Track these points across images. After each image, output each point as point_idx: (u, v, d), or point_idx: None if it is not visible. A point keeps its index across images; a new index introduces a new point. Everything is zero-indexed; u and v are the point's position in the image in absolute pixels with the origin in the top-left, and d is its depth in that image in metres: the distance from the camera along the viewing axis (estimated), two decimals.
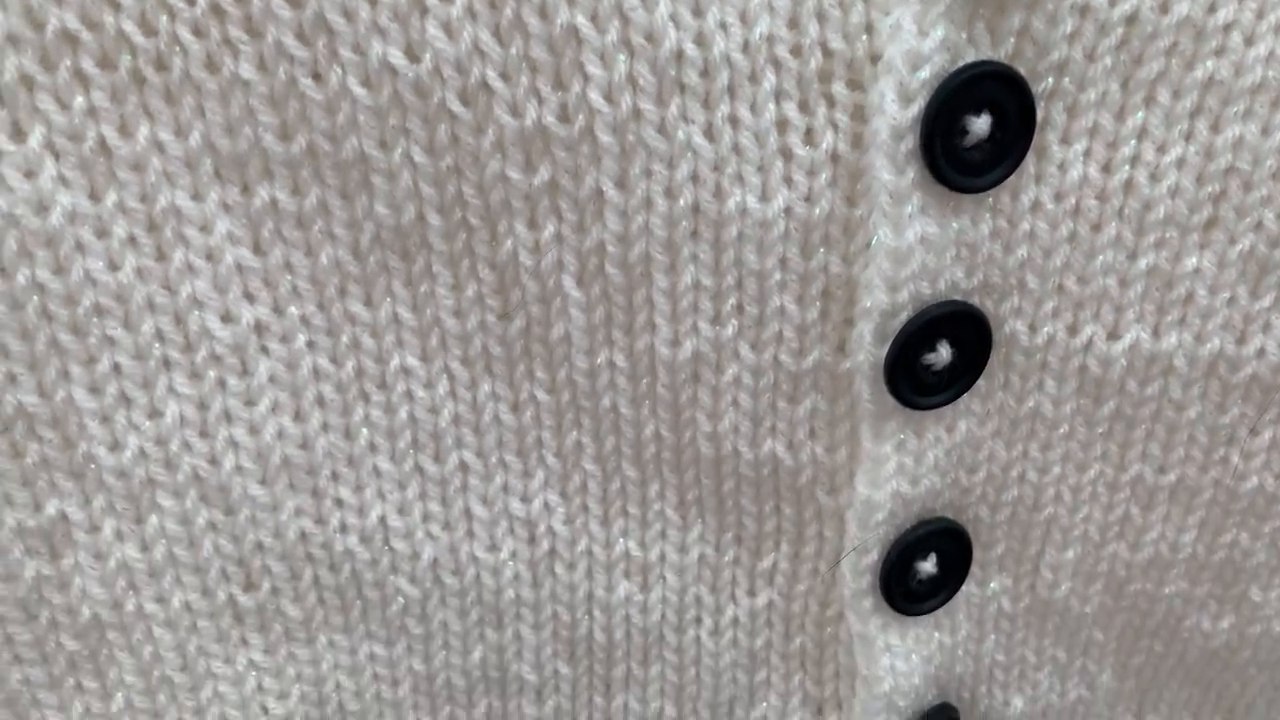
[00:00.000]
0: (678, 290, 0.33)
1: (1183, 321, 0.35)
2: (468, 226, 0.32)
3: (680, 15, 0.29)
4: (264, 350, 0.33)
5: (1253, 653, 0.42)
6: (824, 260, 0.33)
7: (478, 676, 0.40)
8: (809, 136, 0.31)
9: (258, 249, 0.32)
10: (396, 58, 0.29)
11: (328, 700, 0.38)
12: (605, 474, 0.37)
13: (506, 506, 0.37)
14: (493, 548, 0.37)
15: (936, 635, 0.41)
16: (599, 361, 0.34)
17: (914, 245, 0.32)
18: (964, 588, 0.40)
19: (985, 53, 0.31)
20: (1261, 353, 0.35)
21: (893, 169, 0.31)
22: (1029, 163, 0.33)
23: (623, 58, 0.30)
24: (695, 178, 0.31)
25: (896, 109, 0.30)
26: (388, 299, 0.33)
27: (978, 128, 0.31)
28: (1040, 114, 0.32)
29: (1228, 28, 0.31)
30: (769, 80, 0.30)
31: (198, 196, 0.30)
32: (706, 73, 0.30)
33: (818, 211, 0.32)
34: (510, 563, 0.38)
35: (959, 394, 0.35)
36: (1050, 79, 0.32)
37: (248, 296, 0.32)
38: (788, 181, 0.32)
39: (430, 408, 0.35)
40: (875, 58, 0.30)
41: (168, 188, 0.30)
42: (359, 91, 0.29)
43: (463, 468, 0.36)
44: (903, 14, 0.30)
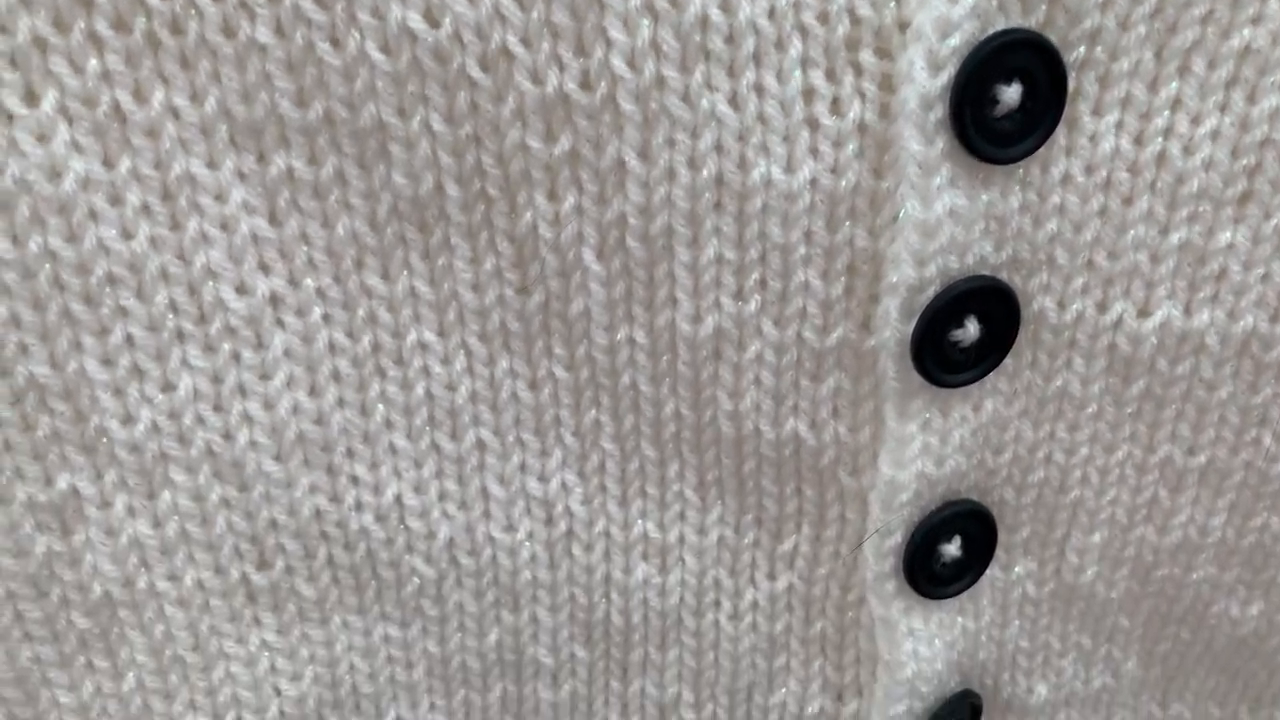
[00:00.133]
0: (700, 264, 0.32)
1: (1215, 298, 0.34)
2: (486, 198, 0.31)
3: None
4: (279, 323, 0.32)
5: None
6: (850, 234, 0.32)
7: (493, 659, 0.39)
8: (836, 106, 0.31)
9: (273, 219, 0.31)
10: (416, 22, 0.28)
11: (341, 682, 0.38)
12: (624, 453, 0.36)
13: (524, 486, 0.36)
14: (509, 528, 0.37)
15: (960, 620, 0.40)
16: (619, 338, 0.34)
17: (942, 218, 0.31)
18: (988, 572, 0.39)
19: (1016, 20, 0.30)
20: None
21: (921, 139, 0.30)
22: (1059, 134, 0.32)
23: (646, 23, 0.29)
24: (719, 148, 0.31)
25: (925, 77, 0.30)
26: (405, 272, 0.32)
27: (1008, 97, 0.30)
28: (1072, 84, 0.31)
29: None
30: (795, 47, 0.30)
31: (213, 164, 0.30)
32: (732, 39, 0.29)
33: (844, 183, 0.31)
34: (527, 543, 0.37)
35: (986, 372, 0.35)
36: (1082, 48, 0.31)
37: (263, 268, 0.31)
38: (814, 152, 0.31)
39: (447, 384, 0.34)
40: (904, 25, 0.30)
41: (182, 155, 0.30)
42: (377, 57, 0.29)
43: (480, 446, 0.35)
44: None
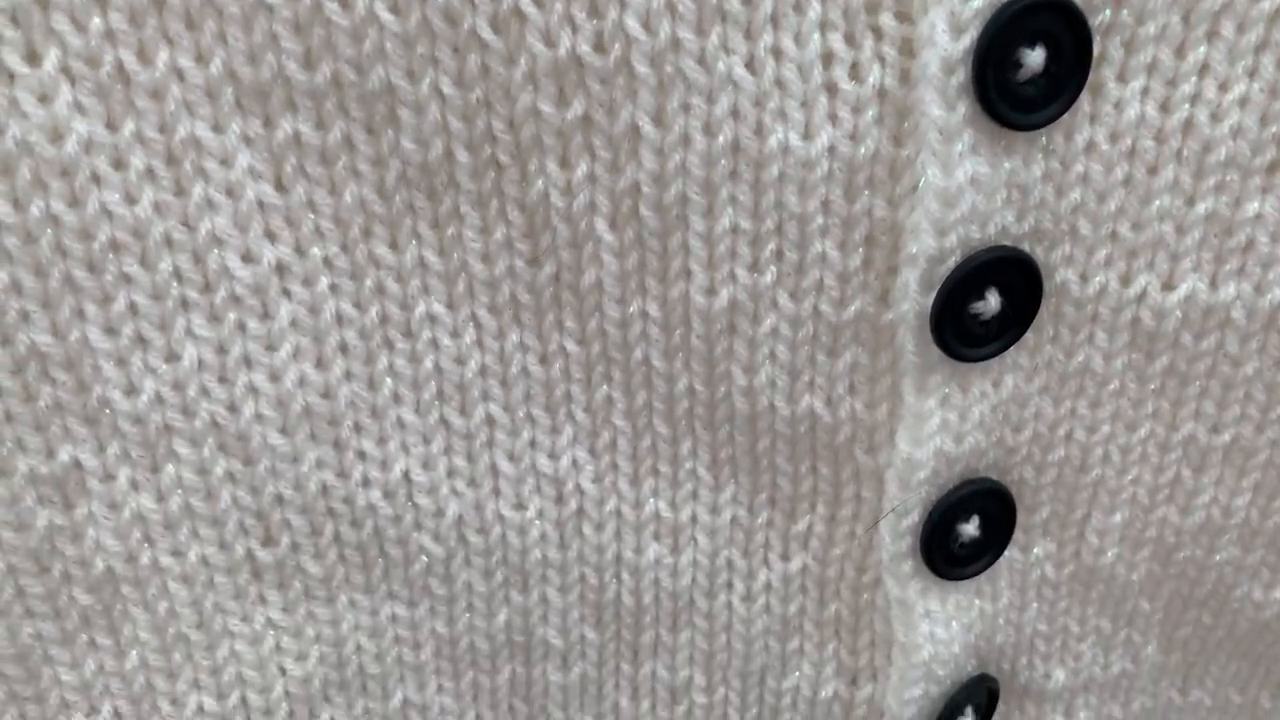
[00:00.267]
0: (714, 234, 0.32)
1: (1242, 271, 0.33)
2: (497, 165, 0.31)
3: None
4: (285, 293, 0.32)
5: None
6: (868, 203, 0.32)
7: (502, 641, 0.38)
8: (855, 71, 0.30)
9: (280, 185, 0.30)
10: None
11: (347, 663, 0.37)
12: (635, 431, 0.36)
13: (534, 463, 0.36)
14: (519, 506, 0.36)
15: (977, 602, 0.39)
16: (631, 311, 0.33)
17: (964, 186, 0.31)
18: (1007, 553, 0.38)
19: None
20: None
21: (943, 104, 0.30)
22: (1084, 101, 0.31)
23: None
24: (735, 113, 0.30)
25: (947, 40, 0.29)
26: (413, 242, 0.32)
27: (1032, 61, 0.30)
28: (1096, 49, 0.30)
29: None
30: (814, 10, 0.29)
31: (218, 128, 0.29)
32: (749, 0, 0.29)
33: (863, 151, 0.31)
34: (537, 522, 0.36)
35: (1007, 346, 0.34)
36: (1107, 11, 0.30)
37: (269, 235, 0.31)
38: (832, 118, 0.30)
39: (456, 358, 0.34)
40: None
41: (187, 118, 0.29)
42: (386, 17, 0.28)
43: (489, 421, 0.35)
44: None
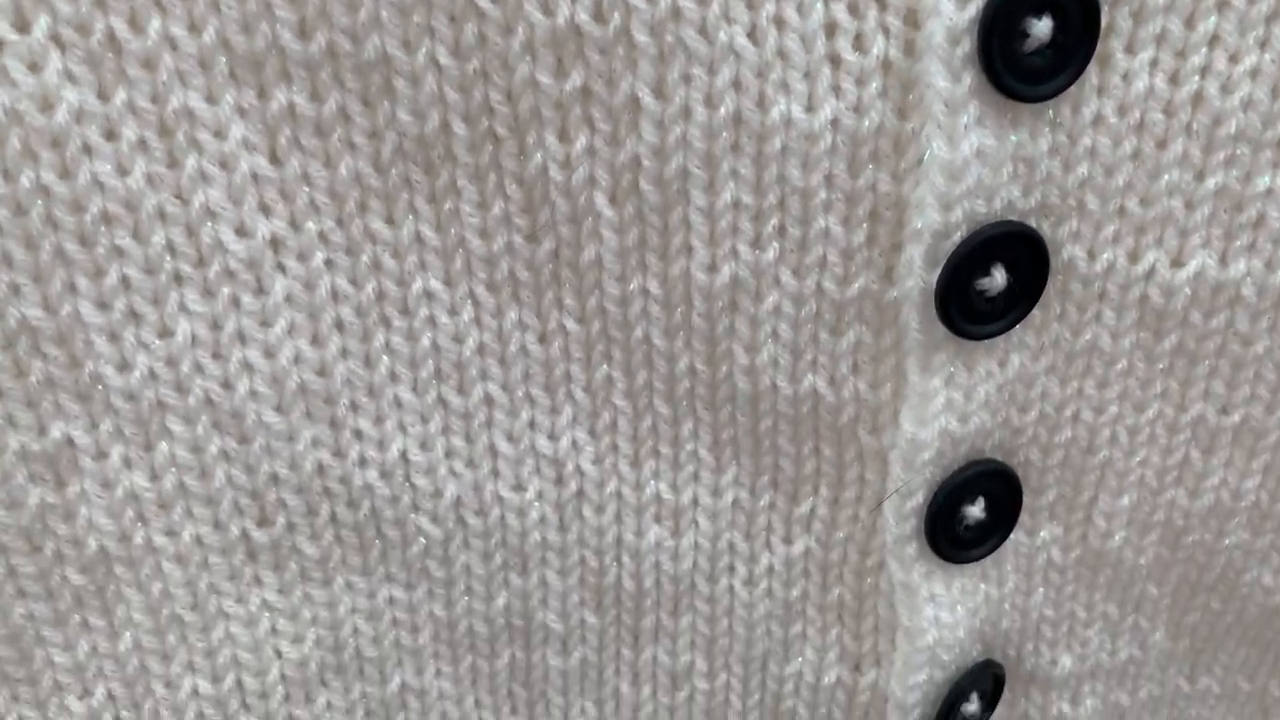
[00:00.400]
0: (716, 210, 0.31)
1: (1252, 247, 0.33)
2: (494, 137, 0.30)
3: None
4: (280, 268, 0.31)
5: None
6: (872, 178, 0.31)
7: (501, 625, 0.38)
8: (859, 42, 0.30)
9: (274, 158, 0.30)
10: None
11: (344, 646, 0.37)
12: (636, 411, 0.35)
13: (533, 444, 0.35)
14: (518, 487, 0.36)
15: (983, 586, 0.39)
16: (631, 288, 0.33)
17: (969, 159, 0.30)
18: (1012, 536, 0.38)
19: None
20: None
21: (948, 75, 0.29)
22: (1091, 73, 0.31)
23: None
24: (737, 84, 0.29)
25: (952, 10, 0.28)
26: (410, 216, 0.31)
27: (1039, 30, 0.29)
28: (1105, 18, 0.30)
29: None
30: None
31: (211, 99, 0.29)
32: None
33: (867, 124, 0.30)
34: (536, 504, 0.36)
35: (1013, 324, 0.33)
36: None
37: (263, 209, 0.30)
38: (835, 90, 0.30)
39: (454, 336, 0.33)
40: None
41: (180, 88, 0.28)
42: None
43: (487, 401, 0.34)
44: None
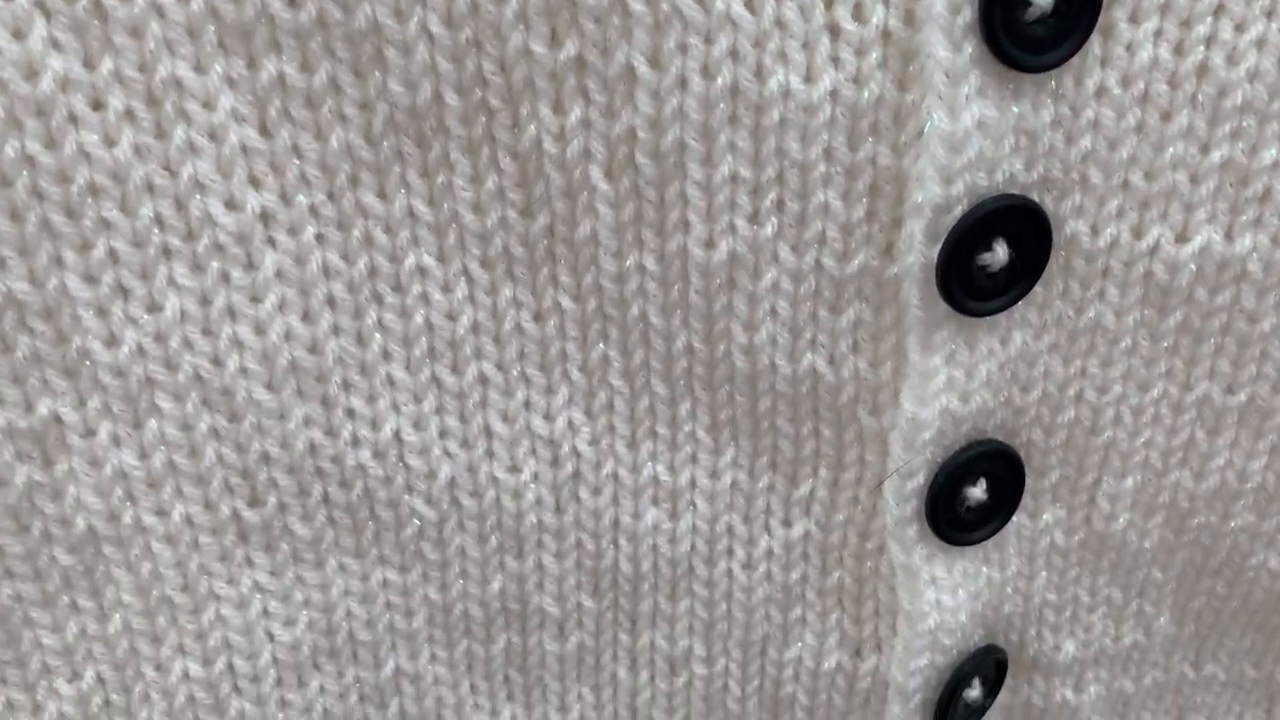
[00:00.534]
0: (713, 183, 0.31)
1: (1259, 222, 0.32)
2: (488, 109, 0.30)
3: None
4: (270, 242, 0.31)
5: None
6: (872, 151, 0.31)
7: (497, 609, 0.37)
8: (858, 11, 0.29)
9: (264, 129, 0.29)
10: None
11: (337, 629, 0.36)
12: (633, 391, 0.35)
13: (528, 424, 0.35)
14: (513, 469, 0.35)
15: (985, 570, 0.38)
16: (628, 265, 0.32)
17: (970, 130, 0.30)
18: (1015, 518, 0.37)
19: None
20: None
21: (949, 44, 0.29)
22: (1094, 43, 0.30)
23: None
24: (734, 54, 0.29)
25: None
26: (402, 190, 0.31)
27: None
28: None
29: None
30: None
31: (200, 68, 0.28)
32: None
33: (866, 95, 0.30)
34: (532, 485, 0.35)
35: (1015, 300, 0.33)
36: None
37: (253, 182, 0.30)
38: (834, 61, 0.29)
39: (448, 313, 0.33)
40: None
41: (168, 57, 0.28)
42: None
43: (482, 380, 0.34)
44: None
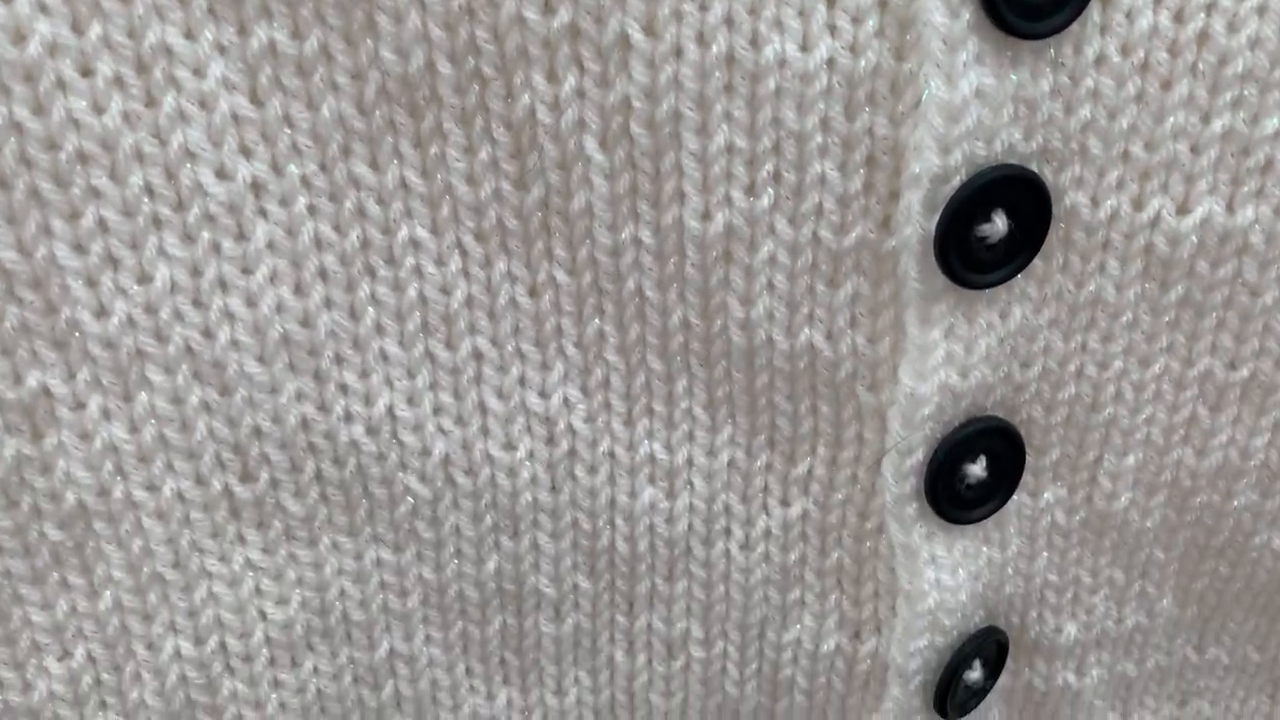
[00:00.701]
0: (709, 154, 0.31)
1: (1261, 193, 0.32)
2: (481, 78, 0.29)
3: None
4: (262, 212, 0.30)
5: None
6: (869, 121, 0.30)
7: (492, 589, 0.37)
8: None
9: (255, 98, 0.29)
10: None
11: (330, 609, 0.36)
12: (629, 367, 0.34)
13: (523, 401, 0.34)
14: (509, 446, 0.35)
15: (985, 550, 0.38)
16: (623, 238, 0.32)
17: (968, 98, 0.29)
18: (1015, 497, 0.37)
19: None
20: None
21: (946, 11, 0.28)
22: (1093, 10, 0.30)
23: None
24: (730, 21, 0.29)
25: None
26: (395, 161, 0.30)
27: None
28: None
29: None
30: None
31: (190, 35, 0.28)
32: None
33: (863, 64, 0.29)
34: (527, 463, 0.35)
35: (1015, 272, 0.32)
36: None
37: (244, 151, 0.30)
38: (831, 29, 0.29)
39: (441, 287, 0.32)
40: None
41: (158, 23, 0.28)
42: None
43: (476, 356, 0.33)
44: None
